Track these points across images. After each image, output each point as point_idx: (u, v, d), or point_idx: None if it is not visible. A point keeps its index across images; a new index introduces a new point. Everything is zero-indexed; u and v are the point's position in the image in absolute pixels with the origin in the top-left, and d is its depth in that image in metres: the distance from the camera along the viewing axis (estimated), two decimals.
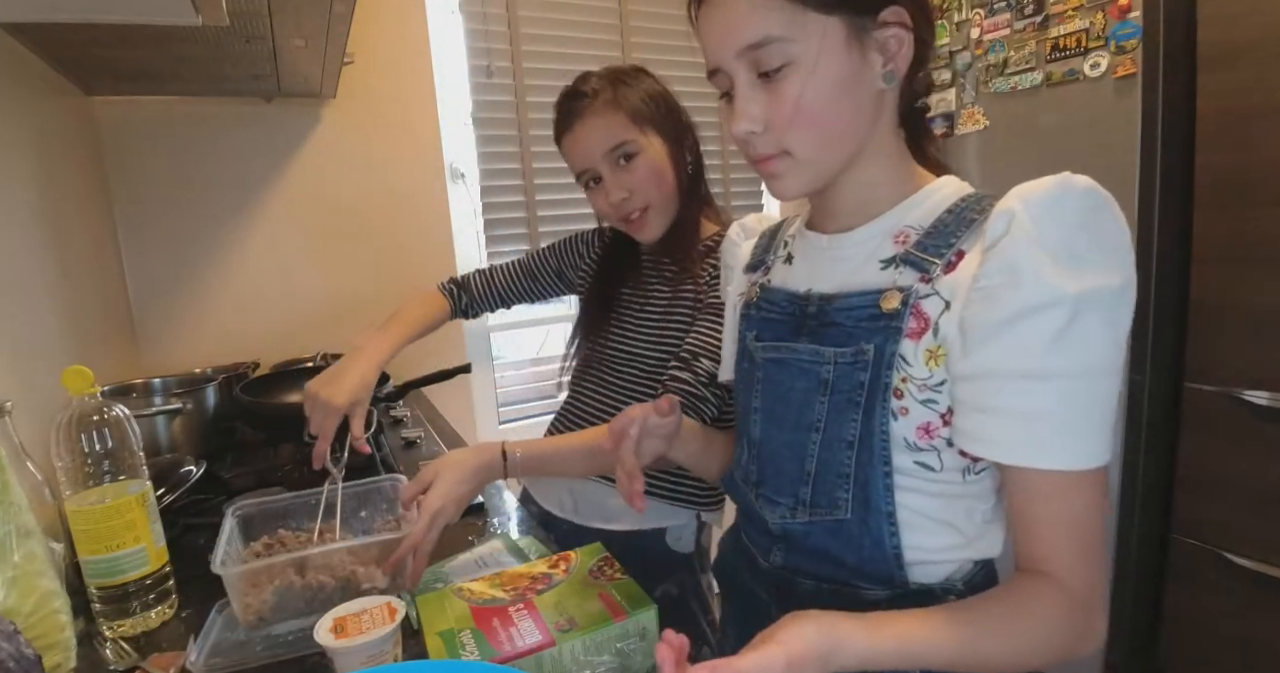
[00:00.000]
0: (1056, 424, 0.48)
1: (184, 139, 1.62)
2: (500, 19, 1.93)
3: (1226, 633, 1.43)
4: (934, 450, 0.55)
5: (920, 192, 0.59)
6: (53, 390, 0.74)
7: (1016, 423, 0.49)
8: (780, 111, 0.54)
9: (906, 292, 0.54)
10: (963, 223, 0.54)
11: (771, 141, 0.56)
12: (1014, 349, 0.48)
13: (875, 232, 0.59)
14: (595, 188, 0.97)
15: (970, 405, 0.51)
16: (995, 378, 0.49)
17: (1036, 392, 0.48)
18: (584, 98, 0.95)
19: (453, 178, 1.95)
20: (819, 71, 0.53)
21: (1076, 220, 0.48)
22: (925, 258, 0.54)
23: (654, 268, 1.04)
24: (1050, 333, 0.47)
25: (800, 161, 0.56)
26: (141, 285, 1.62)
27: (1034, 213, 0.48)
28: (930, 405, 0.54)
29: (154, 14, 0.81)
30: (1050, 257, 0.47)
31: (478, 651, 0.56)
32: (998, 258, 0.49)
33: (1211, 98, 1.37)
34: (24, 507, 0.64)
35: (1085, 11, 1.46)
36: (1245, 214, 1.33)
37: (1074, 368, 0.47)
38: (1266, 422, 1.33)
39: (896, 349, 0.54)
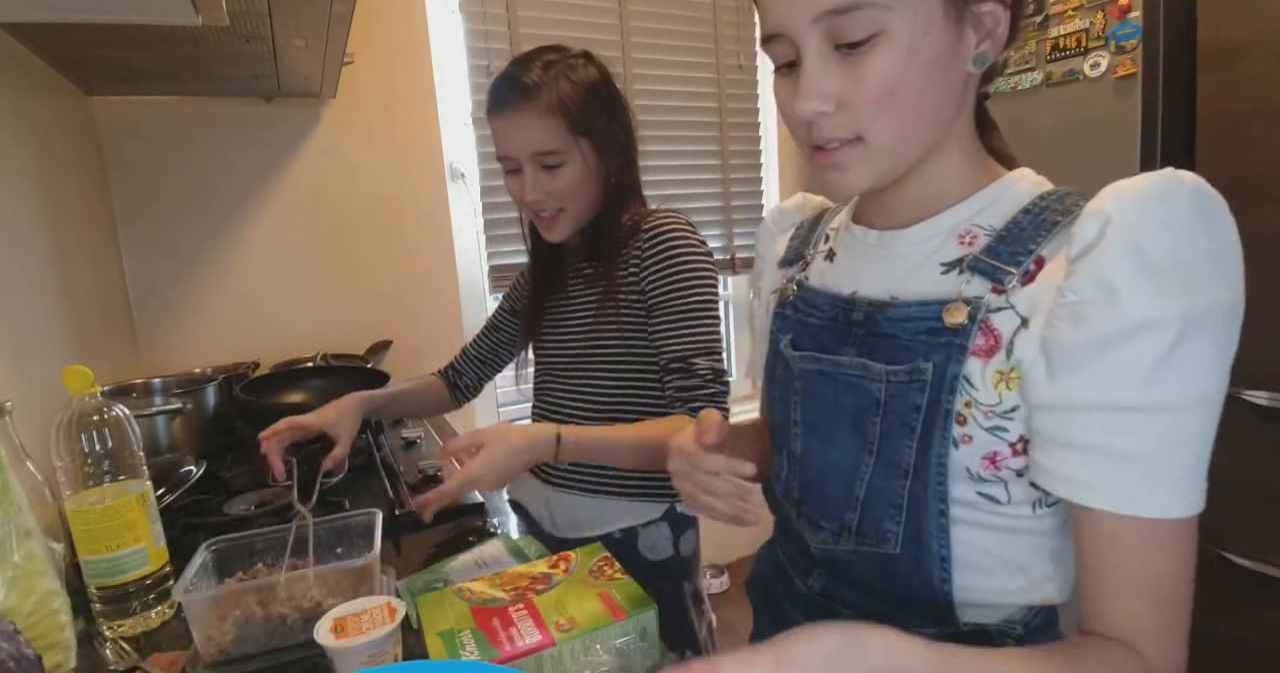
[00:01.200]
0: (1152, 466, 0.41)
1: (184, 139, 1.62)
2: (500, 19, 1.93)
3: (1226, 633, 1.42)
4: (1001, 482, 0.48)
5: (992, 186, 0.51)
6: (53, 390, 0.74)
7: (1105, 462, 0.42)
8: (863, 90, 0.46)
9: (975, 304, 0.47)
10: (1043, 225, 0.47)
11: (845, 125, 0.47)
12: (1107, 379, 0.41)
13: (936, 230, 0.52)
14: (513, 176, 0.95)
15: (1052, 440, 0.44)
16: (1083, 411, 0.43)
17: (1131, 429, 0.41)
18: (525, 90, 0.89)
19: (453, 178, 1.95)
20: (914, 47, 0.45)
21: (1184, 226, 0.41)
22: (999, 265, 0.47)
23: (575, 271, 1.03)
24: (1151, 360, 0.40)
25: (874, 151, 0.48)
26: (141, 285, 1.62)
27: (1132, 217, 0.41)
28: (999, 433, 0.47)
29: (154, 14, 0.81)
30: (1153, 269, 0.40)
31: (478, 651, 0.56)
32: (1089, 270, 0.42)
33: (1211, 98, 1.37)
34: (24, 507, 0.63)
35: (1085, 11, 1.46)
36: (1245, 214, 1.32)
37: (1176, 401, 0.41)
38: (1266, 422, 1.33)
39: (960, 370, 0.47)
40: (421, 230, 1.92)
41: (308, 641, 0.65)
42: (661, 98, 2.21)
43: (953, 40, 0.46)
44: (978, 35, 0.47)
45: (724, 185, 2.38)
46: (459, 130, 1.94)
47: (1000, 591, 0.51)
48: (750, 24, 2.34)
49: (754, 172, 2.45)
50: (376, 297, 1.86)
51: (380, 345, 1.77)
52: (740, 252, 2.39)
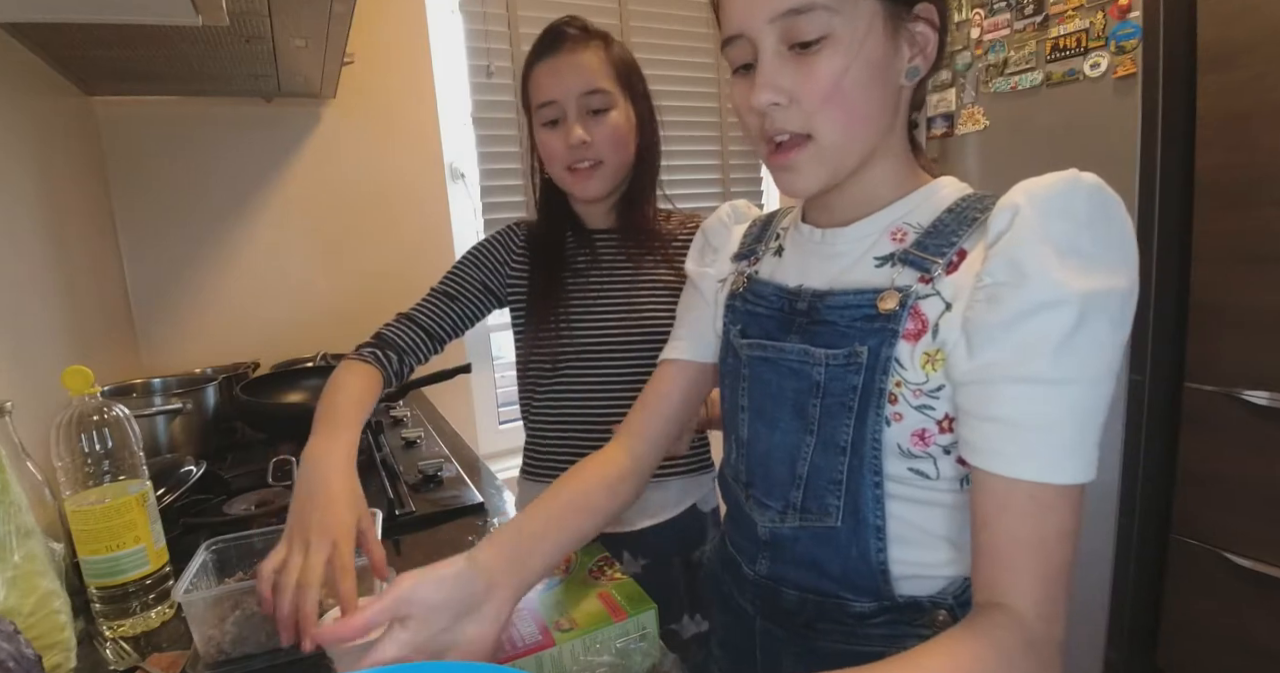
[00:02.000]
0: (1054, 435, 0.45)
1: (184, 139, 1.62)
2: (500, 19, 1.94)
3: (1226, 633, 1.43)
4: (930, 458, 0.53)
5: (920, 190, 0.57)
6: (53, 390, 0.74)
7: (1012, 431, 0.46)
8: (812, 87, 0.51)
9: (905, 292, 0.52)
10: (964, 221, 0.52)
11: (796, 118, 0.52)
12: (1019, 352, 0.45)
13: (872, 228, 0.57)
14: (551, 128, 0.93)
15: (968, 412, 0.48)
16: (998, 383, 0.46)
17: (1041, 399, 0.45)
18: (584, 30, 0.93)
19: (453, 178, 1.95)
20: (859, 51, 0.50)
21: (1085, 218, 0.45)
22: (925, 257, 0.52)
23: (619, 249, 1.01)
24: (1058, 335, 0.44)
25: (823, 148, 0.53)
26: (141, 285, 1.62)
27: (1040, 209, 0.46)
28: (926, 411, 0.51)
29: (154, 14, 0.82)
30: (1057, 254, 0.45)
31: None
32: (1001, 255, 0.46)
33: (1211, 98, 1.37)
34: (24, 507, 0.63)
35: (1085, 11, 1.46)
36: (1245, 214, 1.33)
37: (1079, 375, 0.45)
38: (1266, 422, 1.33)
39: (892, 352, 0.51)
40: (421, 230, 1.92)
41: None
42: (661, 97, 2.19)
43: (890, 51, 0.52)
44: (911, 51, 0.53)
45: (724, 185, 2.38)
46: (459, 130, 1.94)
47: (931, 563, 0.55)
48: None
49: (754, 172, 2.45)
50: (376, 296, 1.86)
51: None
52: None
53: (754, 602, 0.64)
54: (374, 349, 0.95)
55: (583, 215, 1.03)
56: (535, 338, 1.01)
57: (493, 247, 1.04)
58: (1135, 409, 1.48)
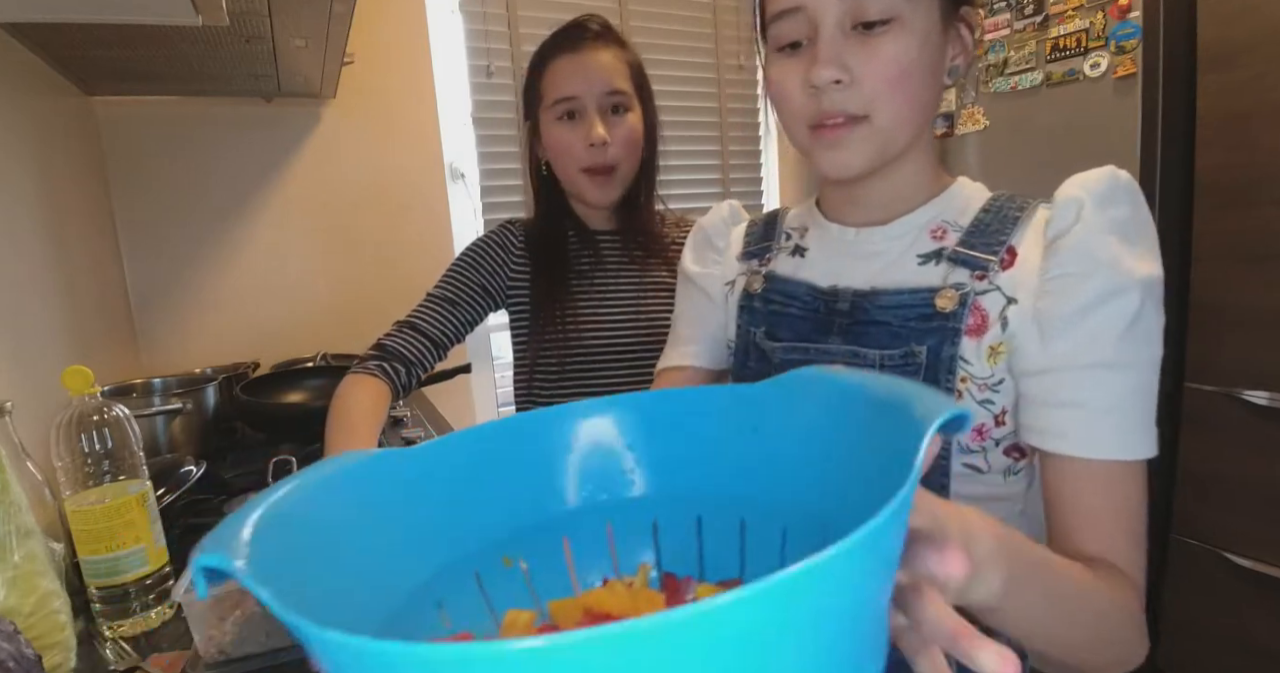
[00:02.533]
0: (1122, 415, 0.48)
1: (184, 139, 1.62)
2: (500, 19, 1.93)
3: (1226, 633, 1.42)
4: (982, 452, 0.53)
5: (950, 189, 0.58)
6: (53, 390, 0.74)
7: (1084, 414, 0.48)
8: (877, 69, 0.50)
9: (963, 290, 0.52)
10: (1006, 220, 0.54)
11: (855, 100, 0.51)
12: (1089, 339, 0.47)
13: (911, 226, 0.57)
14: (569, 122, 0.91)
15: (1044, 401, 0.50)
16: (1068, 370, 0.48)
17: (1109, 382, 0.47)
18: (607, 29, 0.93)
19: (453, 178, 1.95)
20: (920, 38, 0.50)
21: (1130, 209, 0.48)
22: (977, 255, 0.53)
23: (622, 250, 1.01)
24: (1125, 320, 0.47)
25: (877, 130, 0.52)
26: (141, 285, 1.62)
27: (1099, 201, 0.48)
28: (987, 406, 0.52)
29: (154, 14, 0.81)
30: (1120, 243, 0.47)
31: None
32: (1071, 247, 0.48)
33: (1211, 98, 1.37)
34: (24, 507, 0.63)
35: (1085, 11, 1.46)
36: (1245, 214, 1.33)
37: (1141, 357, 0.48)
38: (1266, 422, 1.33)
39: (956, 350, 0.52)
40: (421, 230, 1.92)
41: None
42: (661, 98, 2.18)
43: (942, 46, 0.53)
44: (954, 50, 0.54)
45: (724, 185, 2.38)
46: (459, 130, 1.94)
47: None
48: (750, 24, 2.33)
49: (754, 172, 2.45)
50: (376, 297, 1.86)
51: None
52: None
53: None
54: (379, 362, 0.91)
55: (584, 217, 1.02)
56: (541, 341, 0.98)
57: (490, 248, 1.01)
58: None
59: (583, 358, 0.98)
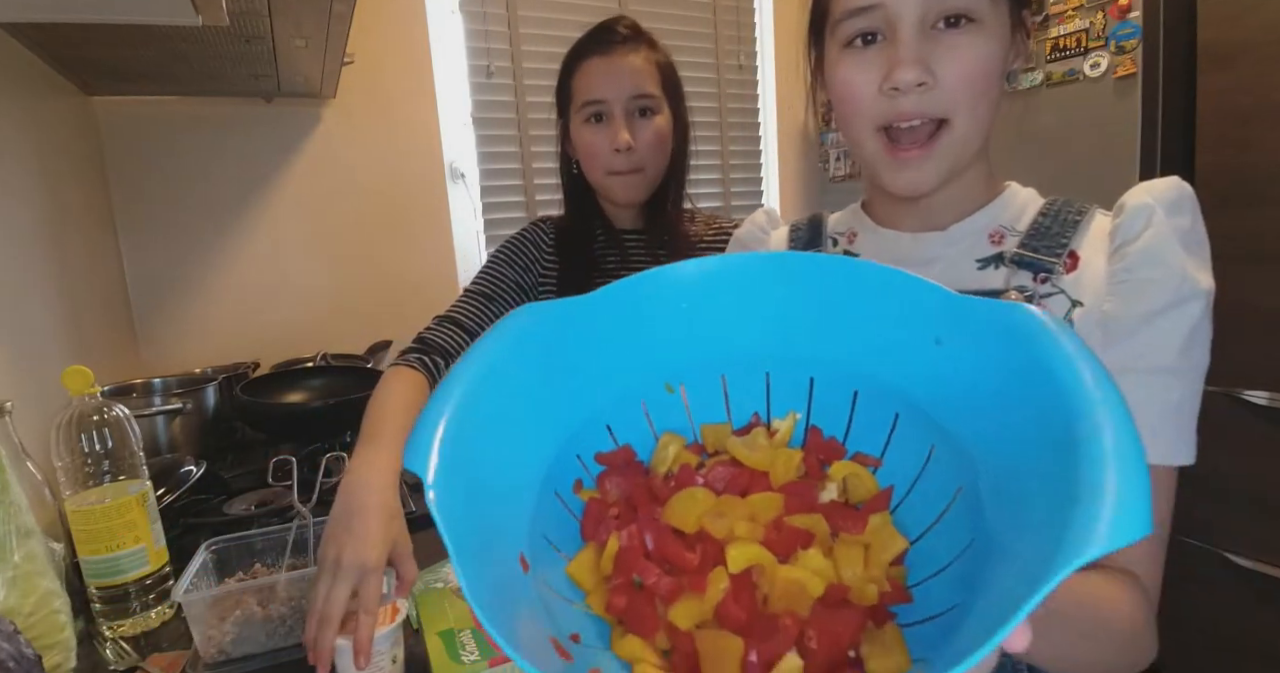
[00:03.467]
0: (1179, 421, 0.49)
1: (184, 139, 1.62)
2: (500, 19, 1.93)
3: (1226, 633, 1.42)
4: None
5: (1004, 194, 0.58)
6: (53, 390, 0.74)
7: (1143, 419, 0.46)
8: (960, 69, 0.49)
9: (1027, 292, 0.53)
10: (1066, 224, 0.54)
11: (938, 102, 0.50)
12: (1153, 343, 0.48)
13: (970, 230, 0.57)
14: (596, 125, 0.92)
15: None
16: (1126, 373, 0.48)
17: (1166, 387, 0.48)
18: (638, 33, 0.93)
19: (453, 178, 1.95)
20: (999, 39, 0.50)
21: (1192, 220, 0.50)
22: (1040, 258, 0.53)
23: (647, 250, 1.02)
24: (1189, 327, 0.48)
25: (956, 137, 0.51)
26: (141, 285, 1.62)
27: (1169, 210, 0.50)
28: None
29: (154, 14, 0.81)
30: (1186, 252, 0.48)
31: (478, 650, 0.56)
32: (1142, 252, 0.49)
33: (1211, 98, 1.37)
34: (24, 507, 0.63)
35: (1085, 11, 1.46)
36: (1245, 214, 1.33)
37: (1196, 364, 0.49)
38: (1266, 422, 1.33)
39: None
40: (421, 230, 1.92)
41: None
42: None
43: (1008, 49, 0.52)
44: (1012, 55, 0.54)
45: (724, 185, 2.38)
46: (459, 130, 1.94)
47: None
48: (750, 24, 2.34)
49: (754, 172, 2.45)
50: (376, 297, 1.86)
51: (380, 345, 1.77)
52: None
53: None
54: (420, 355, 0.92)
55: (611, 215, 1.03)
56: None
57: (523, 244, 1.03)
58: None
59: None
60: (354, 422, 1.27)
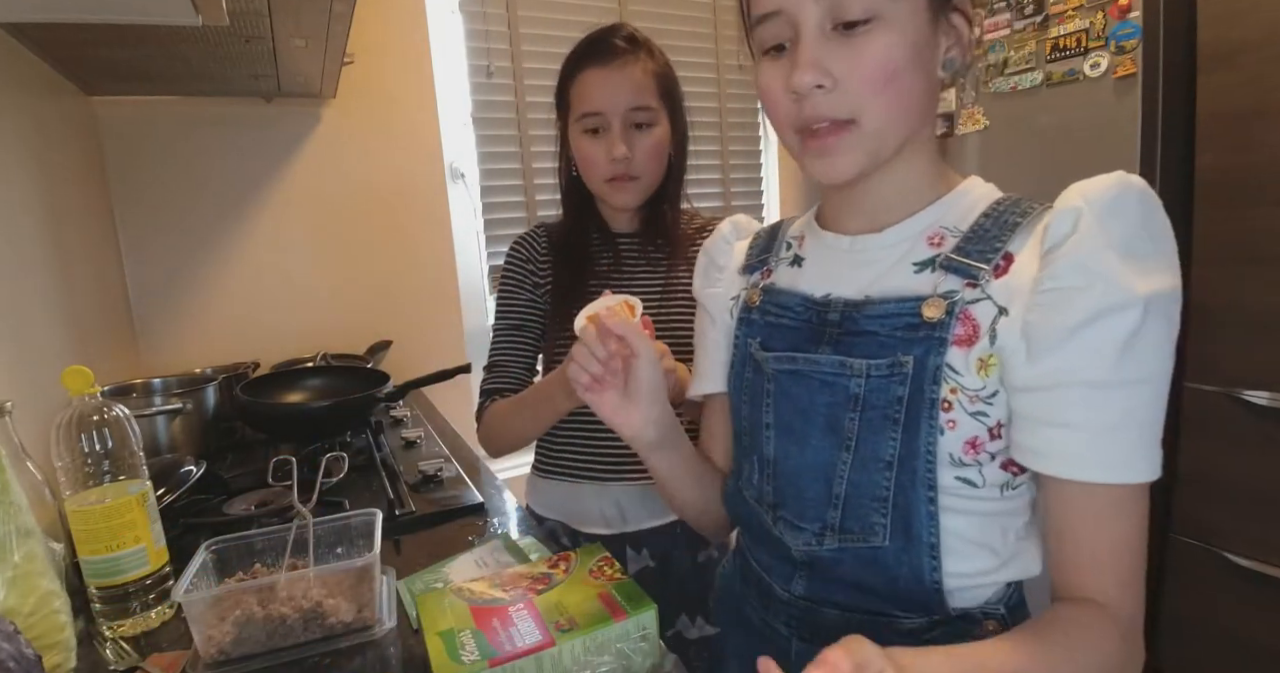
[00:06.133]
0: (1124, 436, 0.46)
1: (184, 139, 1.62)
2: (500, 19, 1.94)
3: (1226, 633, 1.43)
4: (977, 466, 0.51)
5: (953, 192, 0.55)
6: (53, 390, 0.74)
7: (1084, 436, 0.46)
8: (860, 70, 0.48)
9: (951, 298, 0.50)
10: (1005, 226, 0.51)
11: (841, 103, 0.50)
12: (1086, 356, 0.45)
13: (907, 233, 0.55)
14: (593, 136, 0.94)
15: (1033, 419, 0.48)
16: (1064, 388, 0.46)
17: (1109, 402, 0.45)
18: (635, 45, 0.94)
19: (453, 178, 1.95)
20: (906, 34, 0.48)
21: (1139, 219, 0.46)
22: (971, 263, 0.50)
23: (640, 252, 1.03)
24: (1123, 337, 0.44)
25: (866, 134, 0.51)
26: (141, 285, 1.62)
27: (1100, 211, 0.46)
28: (980, 418, 0.50)
29: (154, 14, 0.82)
30: (1120, 257, 0.45)
31: (478, 651, 0.56)
32: (1067, 258, 0.46)
33: (1211, 98, 1.37)
34: (24, 507, 0.63)
35: (1085, 11, 1.46)
36: (1245, 214, 1.33)
37: (1143, 375, 0.45)
38: (1266, 422, 1.33)
39: (942, 360, 0.50)
40: (421, 230, 1.92)
41: (308, 641, 0.65)
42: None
43: (931, 38, 0.51)
44: (947, 41, 0.52)
45: (724, 185, 2.38)
46: (459, 130, 1.94)
47: (978, 572, 0.53)
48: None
49: (754, 172, 2.45)
50: (376, 297, 1.86)
51: (380, 345, 1.77)
52: None
53: (789, 623, 0.61)
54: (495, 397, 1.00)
55: (608, 218, 1.04)
56: (556, 336, 1.02)
57: (516, 262, 1.05)
58: None
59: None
60: (354, 422, 1.28)
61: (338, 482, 1.02)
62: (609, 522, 1.04)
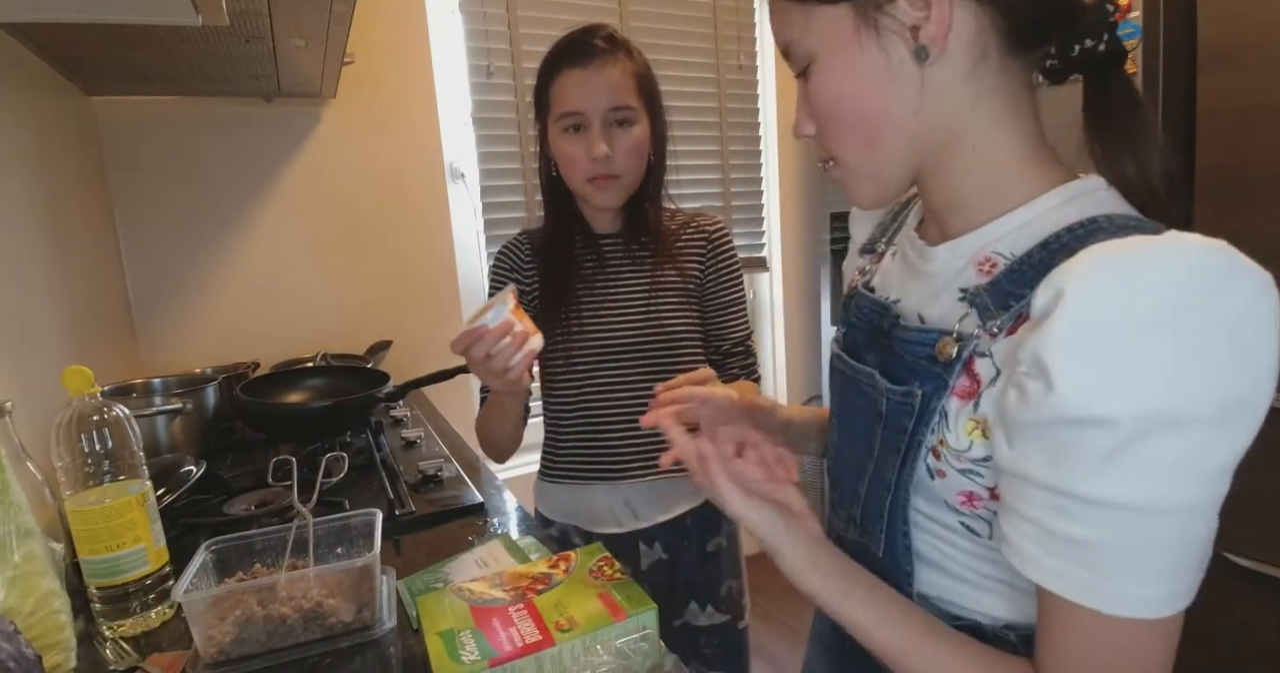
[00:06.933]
0: (1099, 557, 0.38)
1: (184, 139, 1.62)
2: (500, 19, 1.94)
3: (1226, 633, 1.42)
4: (982, 519, 0.47)
5: (1031, 202, 0.46)
6: (53, 390, 0.74)
7: (1047, 539, 0.39)
8: (815, 114, 0.50)
9: (965, 342, 0.44)
10: (1053, 264, 0.40)
11: (822, 144, 0.52)
12: (1049, 459, 0.38)
13: (960, 252, 0.49)
14: (574, 135, 0.94)
15: (1007, 505, 0.42)
16: (1029, 484, 0.39)
17: (1073, 515, 0.38)
18: (614, 45, 0.94)
19: (453, 178, 1.95)
20: (834, 66, 0.47)
21: (1169, 312, 0.34)
22: (990, 308, 0.44)
23: (625, 253, 1.03)
24: (1097, 454, 0.36)
25: (848, 168, 0.51)
26: (141, 285, 1.62)
27: (1089, 297, 0.36)
28: (973, 477, 0.45)
29: (154, 14, 0.81)
30: (1099, 364, 0.35)
31: (478, 651, 0.56)
32: (1033, 346, 0.37)
33: (1211, 98, 1.37)
34: (24, 507, 0.64)
35: None
36: (1245, 214, 1.33)
37: (1127, 501, 0.36)
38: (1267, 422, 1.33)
39: (941, 404, 0.45)
40: (421, 230, 1.92)
41: (308, 641, 0.65)
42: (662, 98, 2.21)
43: (874, 49, 0.46)
44: (900, 38, 0.45)
45: (724, 185, 2.38)
46: (459, 130, 1.94)
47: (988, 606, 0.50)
48: (750, 24, 2.34)
49: (754, 172, 2.45)
50: (376, 297, 1.86)
51: (380, 345, 1.77)
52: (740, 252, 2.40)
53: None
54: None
55: (589, 219, 1.05)
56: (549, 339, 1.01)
57: (504, 271, 1.06)
58: None
59: (588, 358, 1.01)
60: (354, 422, 1.28)
61: (338, 482, 1.02)
62: (621, 520, 1.04)
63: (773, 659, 2.04)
